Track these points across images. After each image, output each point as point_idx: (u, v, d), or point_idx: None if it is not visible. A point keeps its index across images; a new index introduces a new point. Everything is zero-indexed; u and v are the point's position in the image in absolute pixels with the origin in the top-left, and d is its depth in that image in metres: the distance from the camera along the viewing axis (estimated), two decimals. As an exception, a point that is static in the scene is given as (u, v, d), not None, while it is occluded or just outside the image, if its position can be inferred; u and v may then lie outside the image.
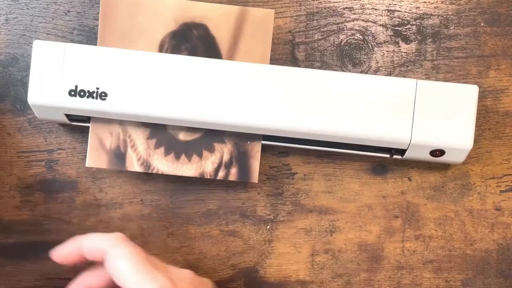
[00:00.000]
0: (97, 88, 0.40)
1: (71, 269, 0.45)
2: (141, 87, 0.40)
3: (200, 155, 0.42)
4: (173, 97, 0.40)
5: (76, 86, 0.40)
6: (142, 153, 0.42)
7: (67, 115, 0.41)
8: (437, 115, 0.40)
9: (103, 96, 0.40)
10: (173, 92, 0.40)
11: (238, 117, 0.40)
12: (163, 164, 0.42)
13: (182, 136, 0.42)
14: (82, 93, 0.40)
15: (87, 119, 0.42)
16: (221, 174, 0.42)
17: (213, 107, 0.40)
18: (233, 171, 0.42)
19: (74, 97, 0.40)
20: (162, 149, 0.42)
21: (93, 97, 0.40)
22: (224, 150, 0.42)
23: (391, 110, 0.40)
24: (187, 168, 0.42)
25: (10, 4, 0.44)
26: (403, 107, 0.40)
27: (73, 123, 0.42)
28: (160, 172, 0.42)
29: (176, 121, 0.41)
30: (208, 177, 0.42)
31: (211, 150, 0.42)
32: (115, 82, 0.40)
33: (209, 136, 0.42)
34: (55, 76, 0.40)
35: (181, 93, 0.40)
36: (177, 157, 0.42)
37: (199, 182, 0.45)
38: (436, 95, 0.40)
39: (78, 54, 0.40)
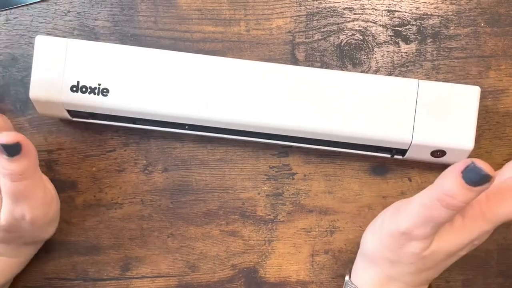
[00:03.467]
0: (99, 84, 0.40)
1: (70, 269, 0.45)
2: (142, 83, 0.40)
3: None
4: (174, 94, 0.40)
5: (78, 82, 0.40)
6: None
7: (69, 111, 0.41)
8: (438, 115, 0.40)
9: (104, 92, 0.40)
10: (175, 89, 0.40)
11: (238, 115, 0.40)
12: None
13: None
14: (84, 89, 0.40)
15: (89, 115, 0.42)
16: None
17: (213, 105, 0.40)
18: None
19: (75, 93, 0.40)
20: None
21: (94, 93, 0.40)
22: None
23: (392, 110, 0.40)
24: None
25: (10, 4, 0.44)
26: (405, 107, 0.40)
27: (74, 119, 0.42)
28: None
29: (176, 118, 0.41)
30: None
31: None
32: (117, 78, 0.40)
33: None
34: (57, 71, 0.40)
35: (183, 90, 0.40)
36: None
37: (199, 182, 0.45)
38: (438, 96, 0.40)
39: (81, 50, 0.40)
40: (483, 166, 0.30)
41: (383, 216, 0.38)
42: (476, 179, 0.30)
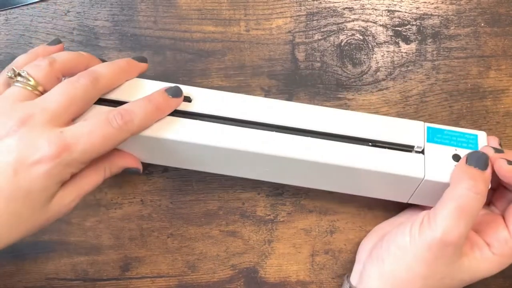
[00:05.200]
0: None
1: (70, 269, 0.45)
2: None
3: None
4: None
5: None
6: None
7: None
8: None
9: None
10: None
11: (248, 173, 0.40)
12: None
13: None
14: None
15: None
16: None
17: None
18: None
19: None
20: None
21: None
22: None
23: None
24: None
25: (10, 4, 0.44)
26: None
27: None
28: None
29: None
30: None
31: None
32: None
33: None
34: None
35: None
36: None
37: (199, 183, 0.45)
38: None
39: None
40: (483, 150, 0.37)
41: (410, 233, 0.37)
42: (478, 161, 0.36)
